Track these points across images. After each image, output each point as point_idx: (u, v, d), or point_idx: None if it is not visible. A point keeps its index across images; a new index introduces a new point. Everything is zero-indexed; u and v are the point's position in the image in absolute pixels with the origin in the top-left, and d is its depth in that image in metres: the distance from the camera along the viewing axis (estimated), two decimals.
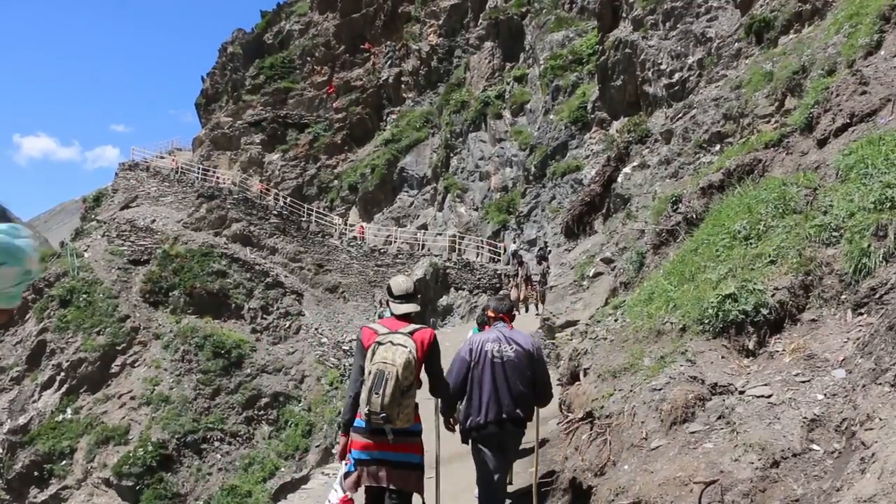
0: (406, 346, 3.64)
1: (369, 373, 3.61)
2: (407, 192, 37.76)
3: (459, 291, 25.92)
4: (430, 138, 38.50)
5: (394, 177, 38.00)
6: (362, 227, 34.38)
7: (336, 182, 40.71)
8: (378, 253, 30.65)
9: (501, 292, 16.64)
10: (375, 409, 3.55)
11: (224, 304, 24.64)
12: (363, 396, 3.61)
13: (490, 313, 4.72)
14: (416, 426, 3.77)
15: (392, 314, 3.93)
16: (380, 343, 3.69)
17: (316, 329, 25.89)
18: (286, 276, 29.53)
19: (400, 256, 29.61)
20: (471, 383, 4.30)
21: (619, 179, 11.70)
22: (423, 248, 31.38)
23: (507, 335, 4.38)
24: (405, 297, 3.91)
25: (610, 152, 14.48)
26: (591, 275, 10.46)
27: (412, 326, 3.78)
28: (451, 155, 35.50)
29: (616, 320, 5.18)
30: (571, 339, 8.80)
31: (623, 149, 12.53)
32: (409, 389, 3.63)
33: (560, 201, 25.11)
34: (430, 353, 3.78)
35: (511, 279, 16.16)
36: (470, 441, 4.37)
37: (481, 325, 5.71)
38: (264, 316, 25.23)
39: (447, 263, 26.70)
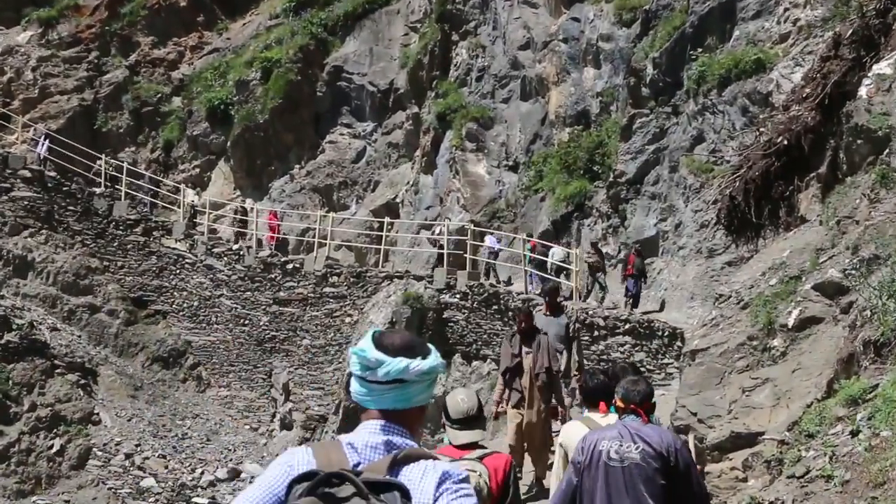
0: (475, 471, 5.63)
1: None
2: (348, 126, 37.85)
3: (476, 362, 25.95)
4: None
5: (316, 90, 38.23)
6: (274, 215, 34.27)
7: (178, 101, 40.99)
8: (282, 271, 30.87)
9: (630, 378, 16.22)
10: None
11: None
12: None
13: (619, 403, 6.57)
14: None
15: (449, 443, 6.01)
16: None
17: (128, 457, 25.80)
18: (56, 330, 29.37)
19: (335, 279, 29.68)
20: (580, 497, 6.26)
21: (862, 92, 11.65)
22: (387, 258, 31.28)
23: (633, 430, 6.20)
24: (466, 422, 5.98)
25: (839, 26, 14.43)
26: (790, 323, 10.49)
27: (480, 451, 5.92)
28: (453, 38, 35.55)
29: (856, 433, 5.20)
30: (745, 479, 8.69)
31: (874, 16, 12.49)
32: None
33: (716, 146, 25.11)
34: (507, 486, 5.83)
35: (502, 385, 14.72)
36: None
37: (595, 399, 7.94)
38: None
39: (446, 296, 26.69)
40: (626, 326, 23.45)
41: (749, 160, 14.07)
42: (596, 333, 23.92)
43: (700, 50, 26.16)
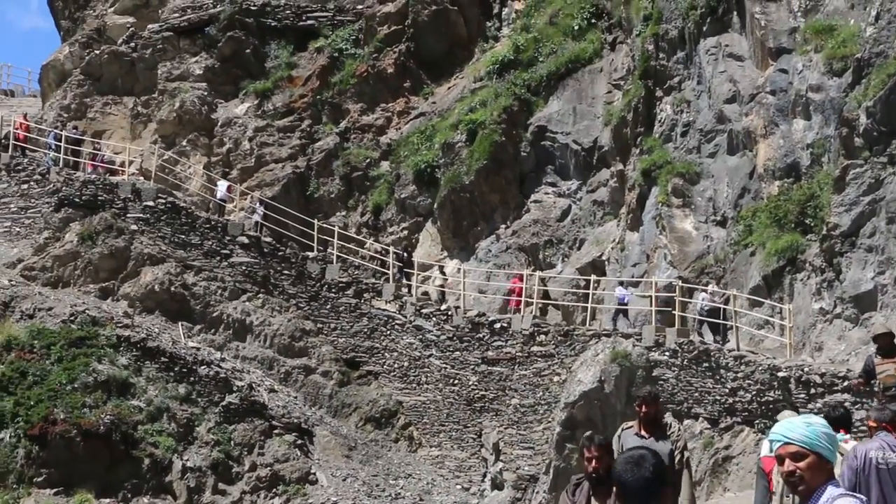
0: None
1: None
2: (553, 185, 38.21)
3: (687, 420, 25.75)
4: (603, 56, 38.62)
5: (521, 149, 38.63)
6: (519, 279, 33.17)
7: (387, 165, 41.96)
8: (490, 331, 31.27)
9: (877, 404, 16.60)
10: None
11: (124, 459, 25.66)
12: None
13: (871, 423, 9.98)
14: None
15: None
16: None
17: None
18: (273, 391, 30.34)
19: (542, 338, 29.90)
20: (859, 490, 8.71)
21: None
22: (594, 316, 31.33)
23: (889, 442, 9.28)
24: None
25: None
26: None
27: None
28: (657, 94, 35.40)
29: None
30: None
31: None
32: None
33: None
34: None
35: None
36: None
37: (837, 427, 9.96)
38: (221, 487, 26.14)
39: (655, 354, 26.59)
40: (845, 384, 22.91)
41: None
42: (812, 391, 23.43)
43: None
